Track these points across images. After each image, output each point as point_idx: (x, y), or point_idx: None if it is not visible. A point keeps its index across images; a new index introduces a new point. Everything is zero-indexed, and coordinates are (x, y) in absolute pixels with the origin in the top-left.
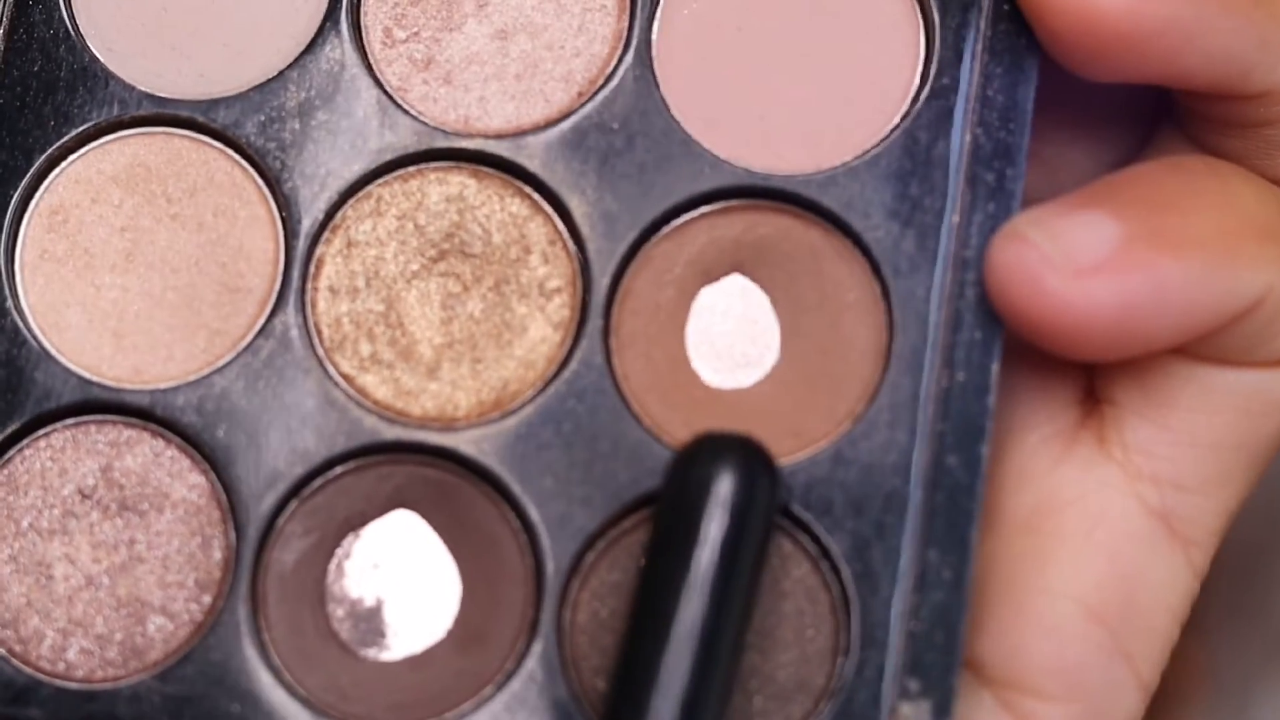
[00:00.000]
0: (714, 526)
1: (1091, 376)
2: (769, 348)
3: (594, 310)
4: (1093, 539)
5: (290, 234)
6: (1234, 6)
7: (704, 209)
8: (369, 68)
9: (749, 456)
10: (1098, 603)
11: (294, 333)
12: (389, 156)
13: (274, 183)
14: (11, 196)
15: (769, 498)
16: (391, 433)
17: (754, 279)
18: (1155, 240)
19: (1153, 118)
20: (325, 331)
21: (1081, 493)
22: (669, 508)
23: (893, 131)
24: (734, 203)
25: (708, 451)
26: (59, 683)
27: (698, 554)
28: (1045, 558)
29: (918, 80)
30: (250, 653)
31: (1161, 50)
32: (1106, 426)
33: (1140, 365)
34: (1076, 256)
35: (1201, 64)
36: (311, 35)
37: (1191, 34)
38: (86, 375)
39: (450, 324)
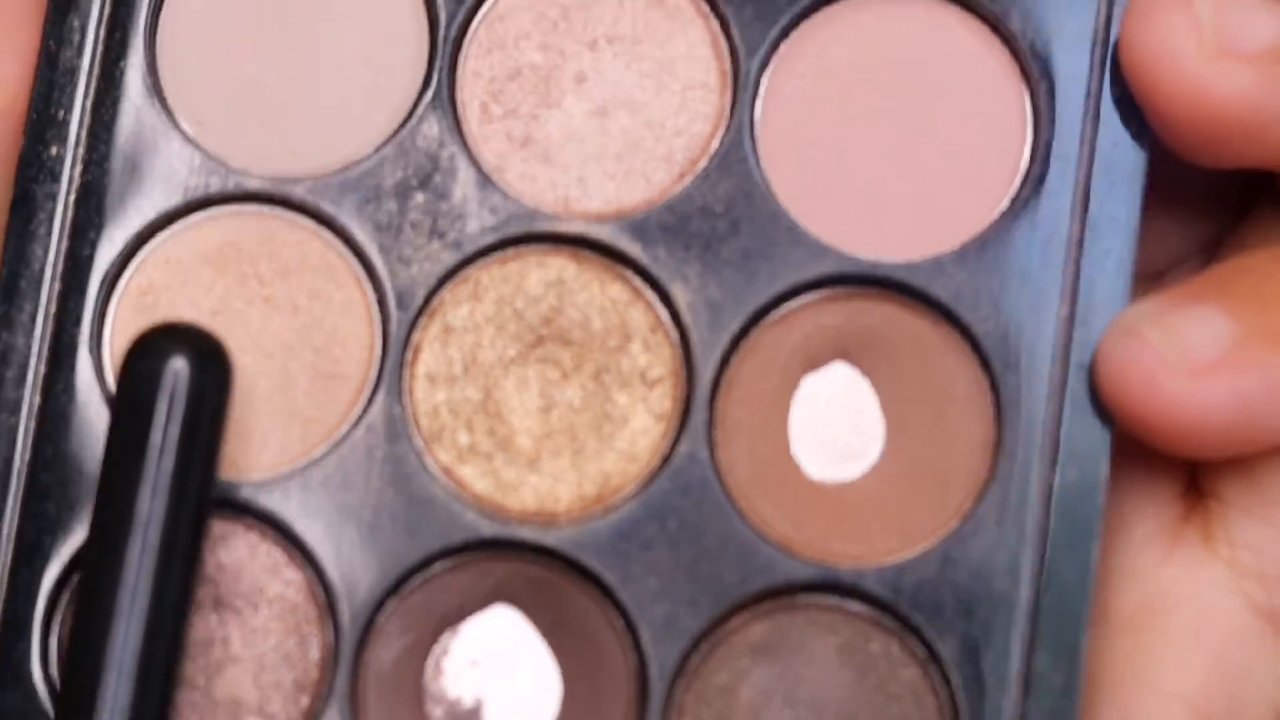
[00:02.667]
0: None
1: (1194, 469)
2: (874, 439)
3: (698, 401)
4: (1200, 639)
5: (386, 319)
6: None
7: (809, 296)
8: (466, 146)
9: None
10: (1204, 703)
11: (391, 423)
12: (488, 240)
13: (370, 265)
14: (100, 277)
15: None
16: (491, 529)
17: (859, 368)
18: (1269, 338)
19: (1252, 192)
20: (423, 421)
21: (1188, 591)
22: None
23: (1001, 217)
24: (839, 290)
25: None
26: None
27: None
28: (1152, 656)
29: (1025, 164)
30: None
31: (1275, 138)
32: (1212, 522)
33: (1246, 462)
34: (1191, 355)
35: None
36: (407, 112)
37: None
38: None
39: (549, 413)
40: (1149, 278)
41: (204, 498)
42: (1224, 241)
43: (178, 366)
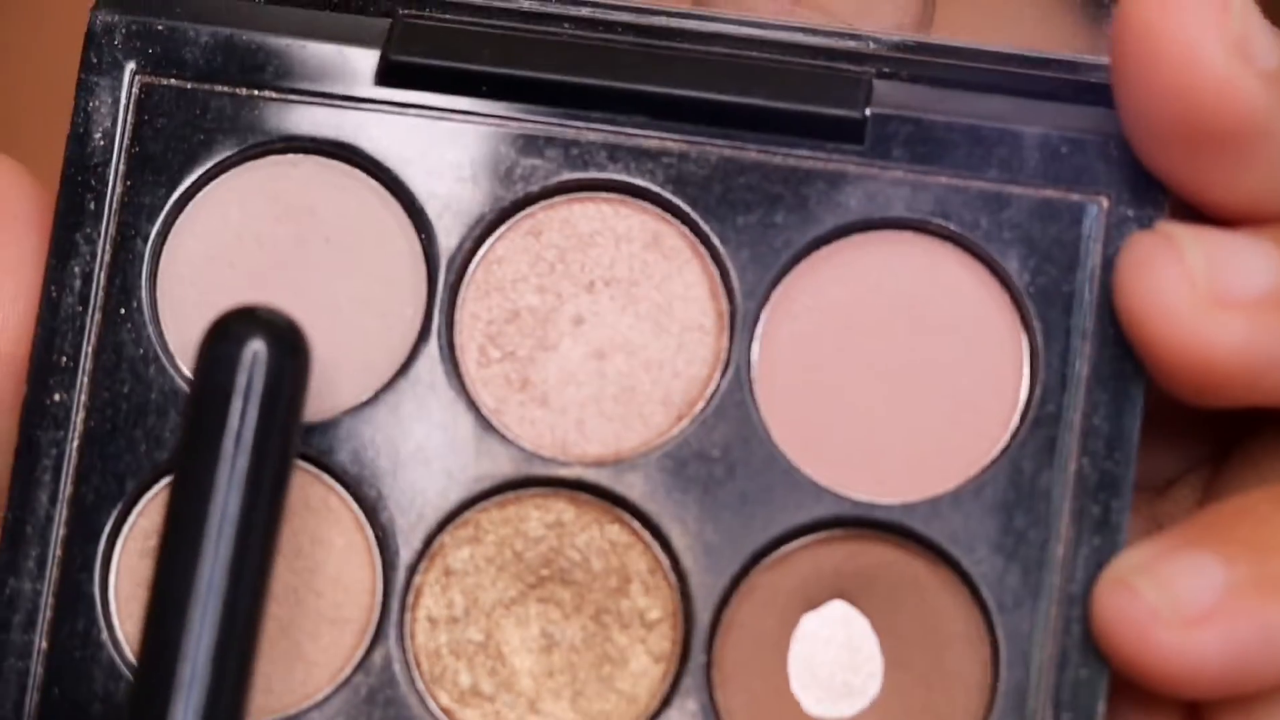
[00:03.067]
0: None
1: (1194, 704)
2: (872, 676)
3: (696, 644)
4: None
5: (388, 564)
6: None
7: (806, 539)
8: (465, 390)
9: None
10: None
11: (395, 666)
12: (487, 485)
13: (370, 511)
14: (106, 523)
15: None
16: None
17: (857, 606)
18: (1264, 585)
19: (1245, 417)
20: (425, 664)
21: None
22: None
23: (997, 459)
24: (836, 532)
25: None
26: None
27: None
28: None
29: (1022, 406)
30: None
31: (1272, 383)
32: None
33: (1247, 697)
34: (1183, 606)
35: None
36: (405, 355)
37: None
38: None
39: (550, 653)
40: (1153, 491)
41: (282, 483)
42: (1229, 456)
43: (256, 349)
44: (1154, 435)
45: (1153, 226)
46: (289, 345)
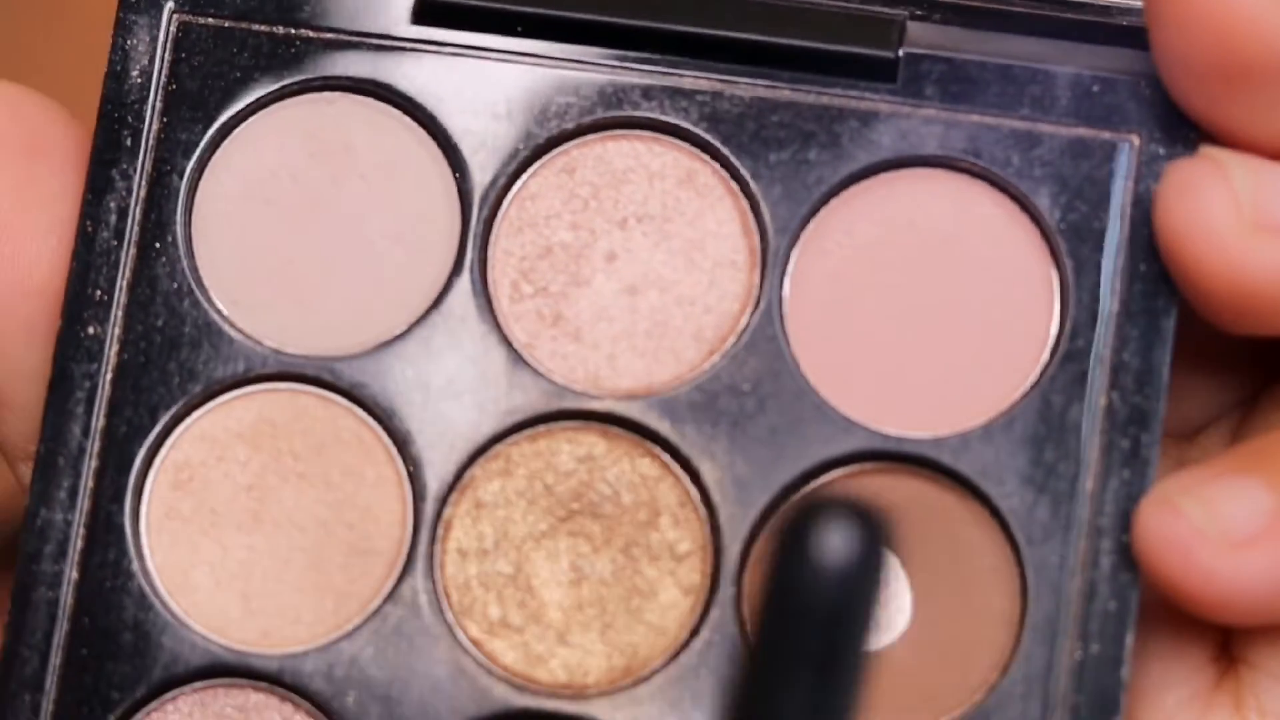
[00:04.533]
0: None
1: (1227, 636)
2: (901, 611)
3: (725, 576)
4: None
5: (418, 495)
6: None
7: (836, 472)
8: (496, 324)
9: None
10: None
11: (423, 598)
12: (518, 417)
13: (402, 444)
14: (137, 454)
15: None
16: (521, 701)
17: None
18: None
19: (1272, 362)
20: (454, 595)
21: None
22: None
23: (1027, 393)
24: (866, 465)
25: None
26: None
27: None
28: None
29: (1052, 341)
30: None
31: None
32: (1243, 689)
33: (1277, 628)
34: (1230, 529)
35: None
36: (439, 290)
37: None
38: (214, 639)
39: (579, 586)
40: (1181, 437)
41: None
42: (1257, 401)
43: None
44: (1182, 382)
45: (1194, 151)
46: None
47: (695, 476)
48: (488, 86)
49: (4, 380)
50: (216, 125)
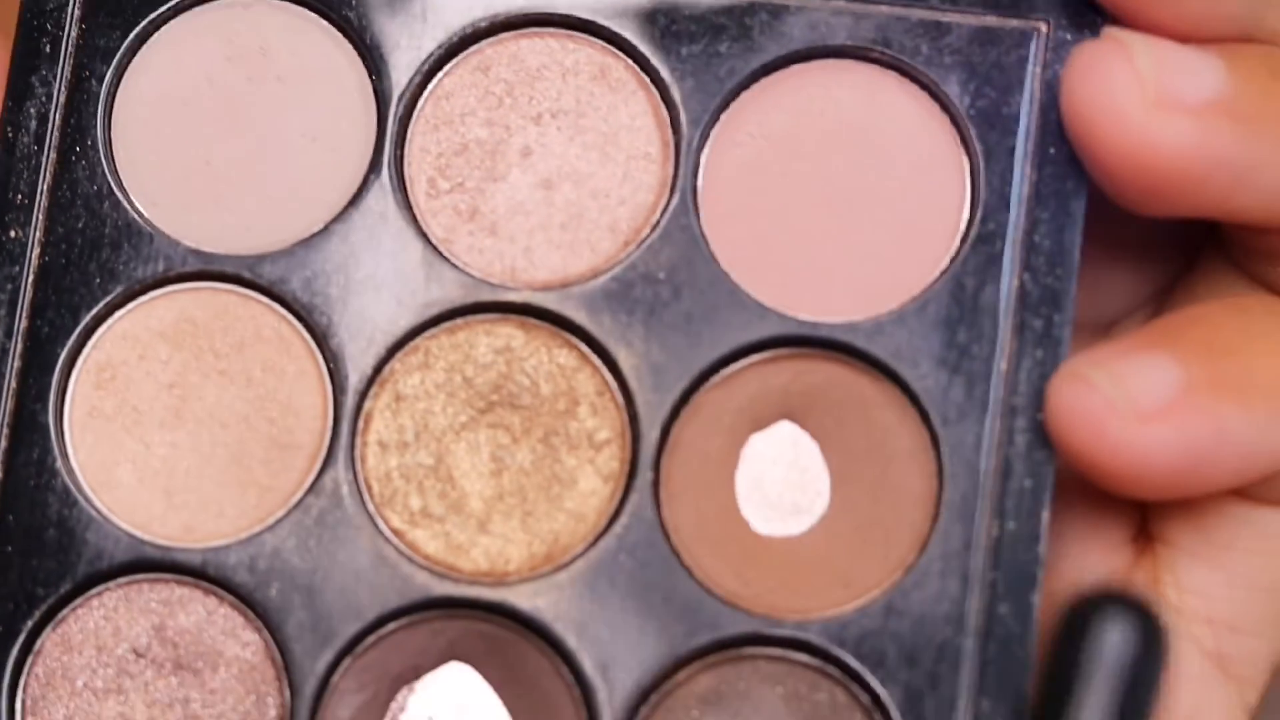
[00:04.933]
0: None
1: (1145, 515)
2: (819, 495)
3: (643, 462)
4: None
5: (339, 389)
6: None
7: (752, 358)
8: (414, 219)
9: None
10: None
11: (344, 489)
12: (436, 310)
13: (321, 338)
14: (59, 354)
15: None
16: (443, 588)
17: (803, 426)
18: (1217, 386)
19: (1198, 242)
20: (375, 487)
21: None
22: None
23: (940, 277)
24: (782, 351)
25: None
26: None
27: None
28: None
29: (964, 225)
30: None
31: (1217, 188)
32: (1161, 567)
33: (1196, 507)
34: (1139, 401)
35: (1255, 200)
36: (355, 188)
37: (1246, 172)
38: (138, 534)
39: (500, 476)
40: (1097, 330)
41: None
42: (1171, 292)
43: (1118, 644)
44: (1098, 275)
45: (1100, 35)
46: (1152, 635)
47: (612, 365)
48: None
49: None
50: (135, 31)
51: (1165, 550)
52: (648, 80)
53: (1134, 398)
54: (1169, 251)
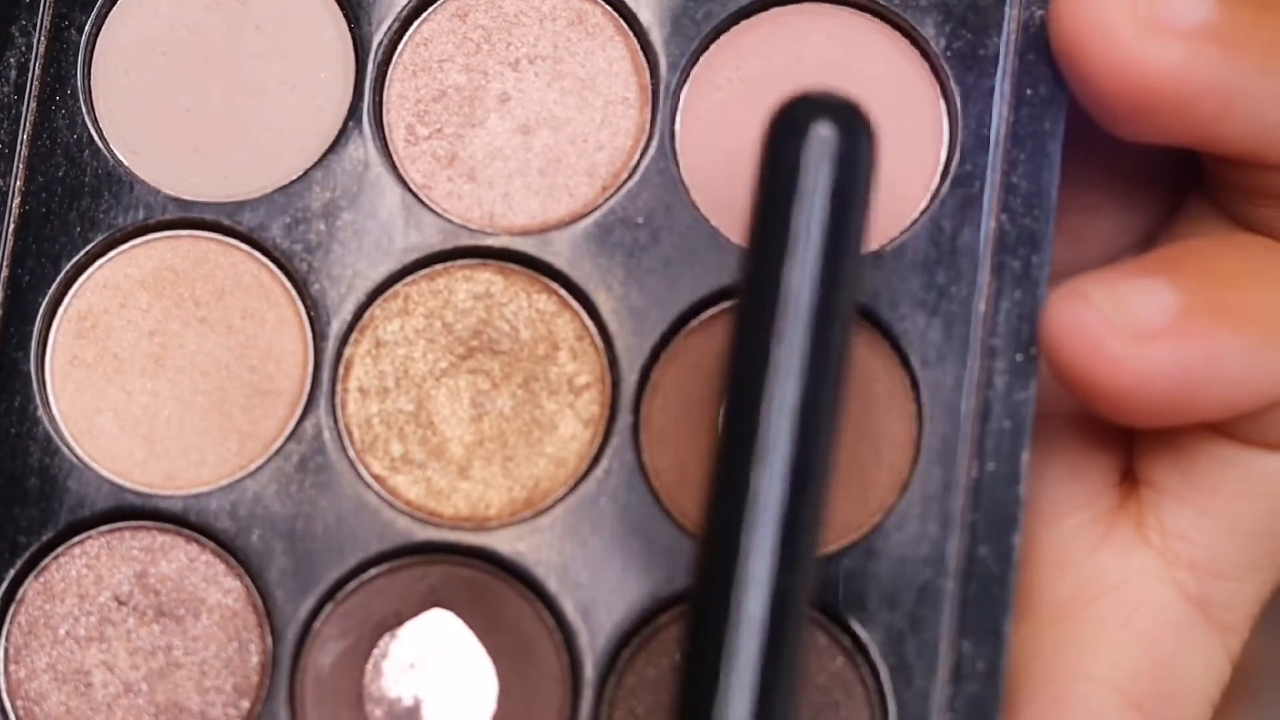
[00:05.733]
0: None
1: (1129, 458)
2: None
3: (623, 406)
4: (1130, 626)
5: (319, 335)
6: (1275, 76)
7: (731, 301)
8: (393, 166)
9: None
10: (1135, 690)
11: (325, 435)
12: (415, 255)
13: (301, 285)
14: (40, 303)
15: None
16: (424, 534)
17: None
18: (1214, 313)
19: (1181, 187)
20: (356, 433)
21: (1119, 579)
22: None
23: (917, 219)
24: None
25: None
26: None
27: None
28: (1083, 645)
29: (941, 167)
30: None
31: (1202, 113)
32: (1144, 510)
33: (1181, 449)
34: (1137, 321)
35: (1238, 129)
36: (334, 135)
37: (1231, 99)
38: (119, 482)
39: (480, 422)
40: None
41: (856, 272)
42: (1153, 240)
43: (824, 134)
44: (1078, 221)
45: None
46: (856, 127)
47: (591, 309)
48: None
49: None
50: None
51: (1149, 493)
52: (625, 25)
53: (1132, 317)
54: (1152, 197)
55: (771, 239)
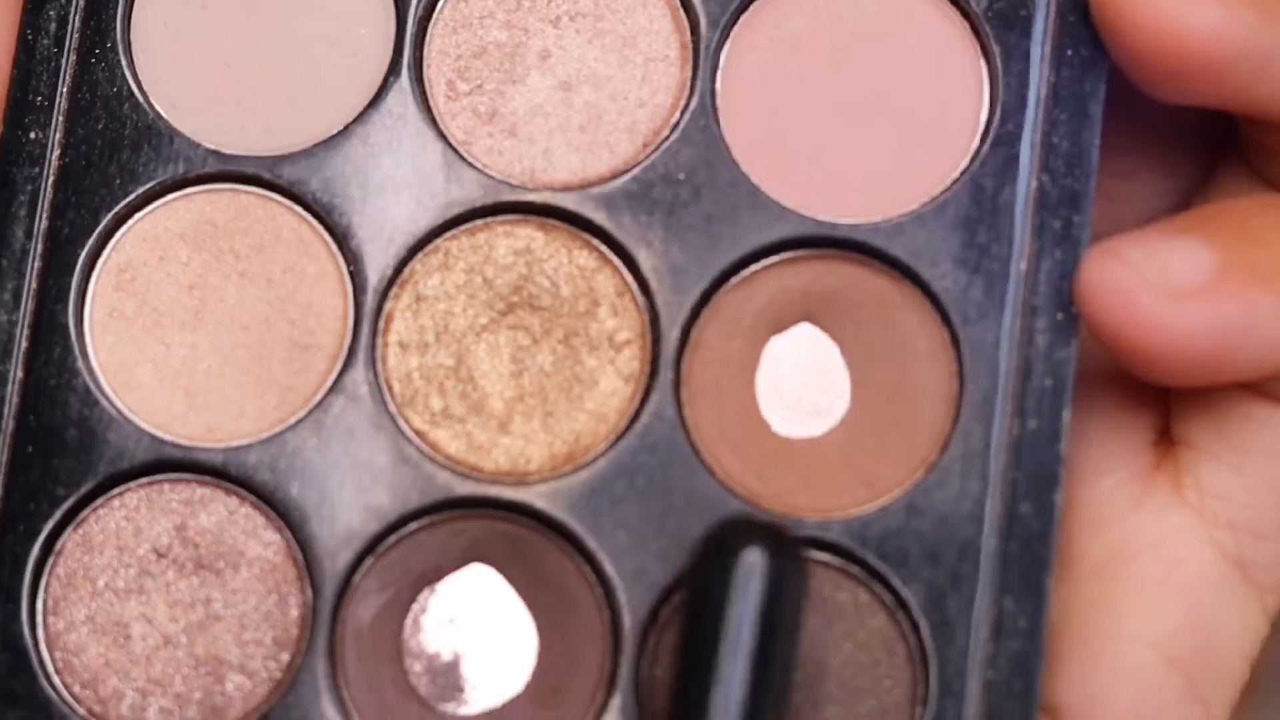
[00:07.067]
0: (748, 602)
1: (1166, 418)
2: (839, 397)
3: (664, 362)
4: (1169, 586)
5: (359, 290)
6: None
7: (772, 259)
8: (433, 121)
9: (775, 537)
10: (1175, 649)
11: (365, 389)
12: (456, 210)
13: (341, 239)
14: (79, 255)
15: (797, 577)
16: (464, 488)
17: (823, 328)
18: (1250, 272)
19: (1215, 151)
20: (396, 387)
21: (1157, 538)
22: (696, 592)
23: (959, 178)
24: (801, 252)
25: (733, 534)
26: None
27: (731, 631)
28: (1122, 604)
29: (982, 127)
30: (329, 710)
31: (1240, 75)
32: (1182, 470)
33: (1217, 408)
34: (1173, 279)
35: (1275, 91)
36: (375, 90)
37: (1268, 61)
38: (158, 434)
39: (520, 377)
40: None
41: (782, 688)
42: (1189, 202)
43: (753, 559)
44: (1113, 186)
45: None
46: (783, 552)
47: (632, 265)
48: None
49: None
50: None
51: (1187, 453)
52: None
53: (1168, 276)
54: (1187, 161)
55: (702, 663)
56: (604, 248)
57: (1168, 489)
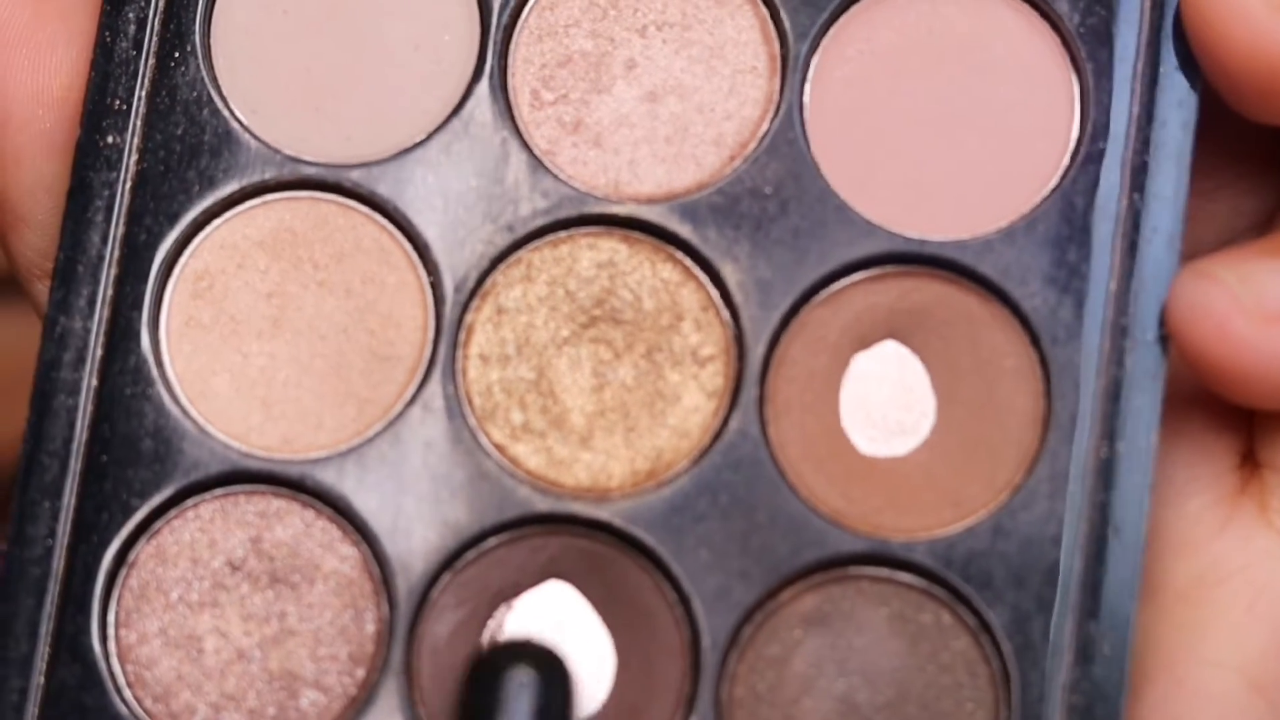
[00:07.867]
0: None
1: (1249, 441)
2: (925, 415)
3: (749, 379)
4: (1255, 611)
5: (439, 301)
6: None
7: (858, 275)
8: (517, 131)
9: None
10: (1260, 675)
11: (445, 402)
12: (539, 222)
13: (422, 249)
14: (156, 262)
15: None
16: (545, 504)
17: (909, 345)
18: None
19: None
20: (476, 400)
21: (1243, 563)
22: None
23: (1049, 196)
24: (888, 269)
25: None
26: None
27: None
28: (1206, 629)
29: (1073, 144)
30: None
31: None
32: (1268, 494)
33: None
34: (1265, 301)
35: None
36: (459, 98)
37: None
38: (235, 445)
39: (602, 392)
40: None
41: None
42: (1271, 223)
43: (522, 679)
44: (1198, 200)
45: None
46: (551, 671)
47: (717, 280)
48: None
49: (24, 194)
50: None
51: (1273, 477)
52: None
53: (1260, 298)
54: (1269, 181)
55: None
56: (688, 261)
57: (1253, 513)
